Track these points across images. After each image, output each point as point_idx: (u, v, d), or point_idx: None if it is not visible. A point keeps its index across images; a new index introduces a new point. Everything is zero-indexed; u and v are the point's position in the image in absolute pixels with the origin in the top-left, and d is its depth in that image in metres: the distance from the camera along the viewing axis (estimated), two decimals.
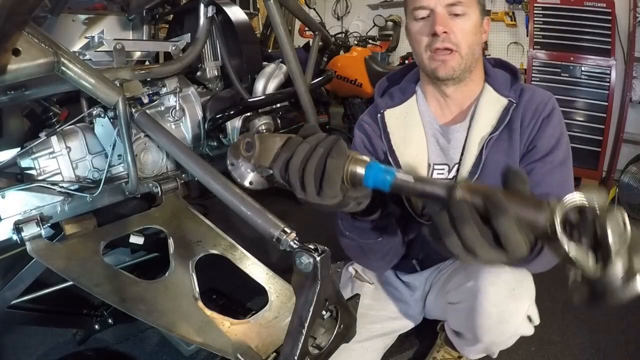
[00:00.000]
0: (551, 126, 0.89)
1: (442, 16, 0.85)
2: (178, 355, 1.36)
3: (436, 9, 0.85)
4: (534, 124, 0.89)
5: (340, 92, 2.98)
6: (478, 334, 0.91)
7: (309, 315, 0.64)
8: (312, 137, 0.58)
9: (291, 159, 0.57)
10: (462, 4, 0.85)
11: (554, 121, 0.89)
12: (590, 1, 2.59)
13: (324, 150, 0.56)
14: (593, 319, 1.56)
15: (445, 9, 0.85)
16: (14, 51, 0.82)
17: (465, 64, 0.89)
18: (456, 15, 0.86)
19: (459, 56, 0.87)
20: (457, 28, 0.86)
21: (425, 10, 0.87)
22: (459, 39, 0.86)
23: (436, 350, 1.27)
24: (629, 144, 2.74)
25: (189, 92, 1.38)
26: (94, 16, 1.33)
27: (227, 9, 1.44)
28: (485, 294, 0.87)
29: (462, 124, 0.95)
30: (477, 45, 0.90)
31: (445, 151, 0.98)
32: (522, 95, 0.92)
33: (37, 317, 1.25)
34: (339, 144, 0.57)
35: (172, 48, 1.31)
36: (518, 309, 0.87)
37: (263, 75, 1.59)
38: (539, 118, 0.89)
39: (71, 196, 1.07)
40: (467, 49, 0.87)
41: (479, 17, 0.89)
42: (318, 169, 0.56)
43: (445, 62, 0.87)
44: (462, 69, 0.89)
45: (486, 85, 0.94)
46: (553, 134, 0.88)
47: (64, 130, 1.10)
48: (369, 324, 1.10)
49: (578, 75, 2.66)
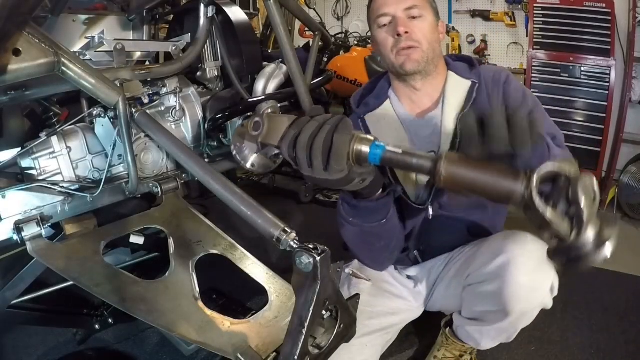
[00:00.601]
0: (512, 87, 1.02)
1: (403, 19, 0.99)
2: (178, 355, 1.36)
3: (396, 14, 1.00)
4: (497, 90, 1.02)
5: (340, 92, 2.97)
6: (509, 306, 0.96)
7: (309, 315, 0.64)
8: (320, 117, 0.62)
9: (299, 135, 0.61)
10: (417, 7, 1.00)
11: (513, 84, 1.03)
12: (590, 1, 2.59)
13: (330, 127, 0.60)
14: (593, 318, 1.56)
15: (404, 13, 0.99)
16: (14, 51, 0.82)
17: (427, 56, 1.01)
18: (414, 18, 1.00)
19: (421, 50, 1.00)
20: (417, 28, 0.99)
21: (387, 17, 1.01)
22: (419, 36, 0.99)
23: (437, 349, 1.27)
24: (628, 144, 2.74)
25: (189, 92, 1.38)
26: (94, 16, 1.33)
27: (227, 9, 1.45)
28: (516, 265, 0.93)
29: (435, 111, 1.06)
30: (436, 42, 1.04)
31: (428, 139, 1.05)
32: (480, 75, 1.05)
33: (38, 317, 1.25)
34: (345, 122, 0.61)
35: (173, 48, 1.31)
36: (547, 276, 0.95)
37: (263, 75, 1.59)
38: (499, 85, 1.02)
39: (71, 196, 1.07)
40: (427, 44, 1.00)
41: (434, 19, 1.04)
42: (326, 144, 0.60)
43: (409, 56, 1.00)
44: (426, 62, 1.01)
45: (449, 72, 1.07)
46: (516, 92, 1.01)
47: (65, 130, 1.10)
48: (366, 320, 1.11)
49: (578, 75, 2.66)
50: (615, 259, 1.90)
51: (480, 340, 1.14)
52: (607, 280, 1.83)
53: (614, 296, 1.71)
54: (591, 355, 1.38)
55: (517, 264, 0.94)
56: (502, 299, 0.97)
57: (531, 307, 0.99)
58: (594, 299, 1.69)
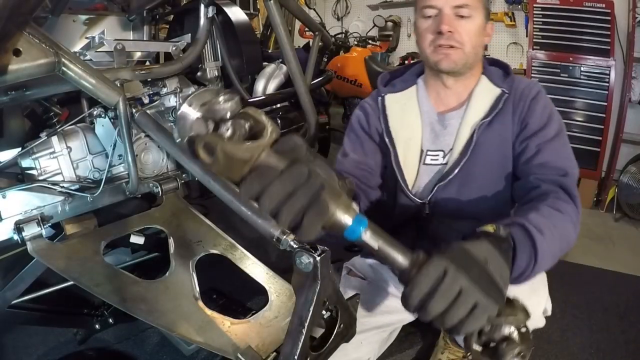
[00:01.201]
0: (539, 106, 0.95)
1: (449, 16, 0.91)
2: (178, 355, 1.36)
3: (444, 9, 0.91)
4: (523, 105, 0.95)
5: (340, 93, 2.98)
6: None
7: (309, 315, 0.64)
8: (290, 175, 0.44)
9: (262, 197, 0.45)
10: (468, 7, 0.90)
11: (541, 102, 0.96)
12: (590, 2, 2.60)
13: (301, 206, 0.45)
14: (593, 318, 1.57)
15: (452, 10, 0.91)
16: (14, 51, 0.82)
17: (466, 60, 0.94)
18: (462, 17, 0.91)
19: (462, 52, 0.93)
20: (462, 28, 0.91)
21: (433, 10, 0.93)
22: (464, 38, 0.91)
23: (440, 352, 1.27)
24: (628, 144, 2.75)
25: (189, 92, 1.38)
26: (94, 16, 1.33)
27: (228, 9, 1.45)
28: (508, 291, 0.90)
29: (458, 111, 1.01)
30: (480, 47, 0.96)
31: (441, 137, 1.01)
32: (512, 85, 0.99)
33: (38, 317, 1.25)
34: (322, 202, 0.45)
35: (173, 48, 1.31)
36: (539, 301, 0.92)
37: (263, 75, 1.59)
38: (526, 100, 0.95)
39: (72, 196, 1.07)
40: (470, 48, 0.93)
41: (483, 21, 0.95)
42: (294, 219, 0.45)
43: (447, 55, 0.93)
44: (463, 64, 0.94)
45: (482, 76, 1.01)
46: (543, 112, 0.94)
47: (65, 131, 1.10)
48: (362, 317, 1.09)
49: (577, 75, 2.66)
50: (615, 259, 1.90)
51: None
52: (607, 280, 1.83)
53: (614, 296, 1.71)
54: (591, 355, 1.39)
55: (510, 290, 0.90)
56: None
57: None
58: (593, 299, 1.69)
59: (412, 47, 4.07)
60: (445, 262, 0.49)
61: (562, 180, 0.84)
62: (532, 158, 0.90)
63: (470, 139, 0.96)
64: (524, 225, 0.68)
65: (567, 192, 0.82)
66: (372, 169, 1.02)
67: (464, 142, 0.97)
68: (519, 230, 0.68)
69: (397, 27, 3.97)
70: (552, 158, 0.88)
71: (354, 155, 1.02)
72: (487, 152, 0.95)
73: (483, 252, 0.53)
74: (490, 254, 0.54)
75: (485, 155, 0.95)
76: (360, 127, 1.06)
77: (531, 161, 0.90)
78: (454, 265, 0.49)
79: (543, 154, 0.89)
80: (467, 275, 0.49)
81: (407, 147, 1.01)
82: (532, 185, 0.86)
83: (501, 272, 0.53)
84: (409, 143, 1.01)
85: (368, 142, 1.05)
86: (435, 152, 1.01)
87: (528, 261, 0.66)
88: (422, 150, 1.02)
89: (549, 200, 0.79)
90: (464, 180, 0.97)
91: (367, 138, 1.05)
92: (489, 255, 0.53)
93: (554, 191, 0.82)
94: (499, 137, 0.95)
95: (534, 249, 0.66)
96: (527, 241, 0.67)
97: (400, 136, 1.02)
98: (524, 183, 0.89)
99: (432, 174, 1.01)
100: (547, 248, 0.68)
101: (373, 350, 1.13)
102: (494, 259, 0.53)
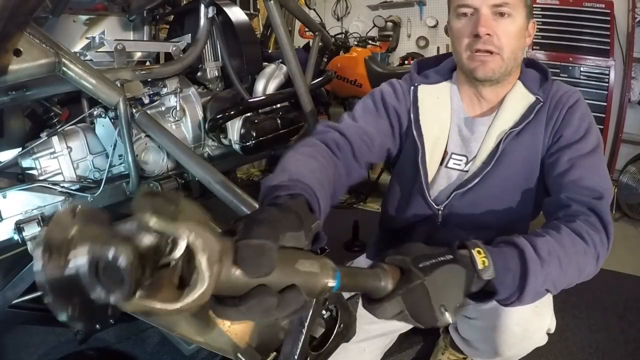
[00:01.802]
0: (576, 116, 0.86)
1: (487, 17, 0.81)
2: (178, 355, 1.36)
3: (481, 9, 0.81)
4: (558, 114, 0.87)
5: (340, 93, 2.98)
6: (499, 350, 0.91)
7: (309, 315, 0.64)
8: (286, 308, 0.40)
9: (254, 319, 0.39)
10: (508, 5, 0.81)
11: (579, 111, 0.86)
12: (589, 2, 2.60)
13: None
14: (592, 318, 1.57)
15: (491, 9, 0.81)
16: (15, 52, 0.82)
17: (505, 67, 0.85)
18: (501, 16, 0.82)
19: (500, 59, 0.84)
20: (501, 30, 0.82)
21: (469, 9, 0.83)
22: (502, 42, 0.82)
23: (441, 352, 1.26)
24: (627, 144, 2.75)
25: (189, 92, 1.38)
26: (94, 17, 1.33)
27: (228, 9, 1.45)
28: (509, 313, 0.86)
29: (488, 117, 0.93)
30: (520, 50, 0.87)
31: (467, 142, 0.95)
32: (549, 92, 0.90)
33: (39, 317, 1.25)
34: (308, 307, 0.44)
35: (173, 48, 1.31)
36: (541, 325, 0.88)
37: (263, 75, 1.59)
38: (562, 108, 0.87)
39: (72, 196, 1.08)
40: (509, 53, 0.84)
41: (524, 20, 0.85)
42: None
43: (485, 62, 0.84)
44: (502, 72, 0.86)
45: (518, 82, 0.92)
46: (580, 123, 0.85)
47: (65, 131, 1.10)
48: (367, 324, 1.08)
49: (577, 75, 2.67)
50: (615, 259, 1.90)
51: (474, 357, 1.13)
52: (606, 280, 1.84)
53: (613, 296, 1.72)
54: (590, 355, 1.39)
55: (510, 312, 0.86)
56: (493, 342, 0.91)
57: (524, 352, 0.93)
58: (593, 299, 1.69)
59: (412, 47, 4.07)
60: (401, 302, 0.53)
61: (596, 203, 0.74)
62: (564, 173, 0.81)
63: (495, 148, 0.89)
64: (523, 253, 0.62)
65: (600, 218, 0.73)
66: (374, 146, 0.92)
67: (488, 151, 0.90)
68: (514, 256, 0.62)
69: (397, 28, 3.97)
70: (587, 175, 0.79)
71: (363, 123, 0.92)
72: (512, 164, 0.88)
73: (441, 278, 0.55)
74: (445, 281, 0.55)
75: (510, 167, 0.88)
76: (381, 102, 0.96)
77: (563, 177, 0.80)
78: (405, 302, 0.53)
79: (577, 170, 0.80)
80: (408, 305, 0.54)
81: (434, 146, 0.95)
82: (562, 204, 0.77)
83: (444, 300, 0.55)
84: (436, 142, 0.95)
85: (384, 120, 0.95)
86: (459, 157, 0.95)
87: (512, 292, 0.62)
88: (446, 152, 0.96)
89: (575, 224, 0.71)
90: (484, 192, 0.90)
91: (385, 116, 0.96)
92: (444, 281, 0.55)
93: (584, 214, 0.73)
94: (527, 148, 0.88)
95: (522, 281, 0.62)
96: (517, 271, 0.62)
97: (430, 133, 0.95)
98: (554, 200, 0.80)
99: (451, 179, 0.95)
100: (541, 280, 0.64)
101: (376, 357, 1.13)
102: (447, 286, 0.56)
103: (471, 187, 0.90)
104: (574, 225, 0.71)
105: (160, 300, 0.30)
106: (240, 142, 1.43)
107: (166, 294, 0.30)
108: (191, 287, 0.31)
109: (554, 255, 0.65)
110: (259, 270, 0.37)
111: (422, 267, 0.55)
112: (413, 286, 0.53)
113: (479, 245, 0.61)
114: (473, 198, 0.91)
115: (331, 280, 0.45)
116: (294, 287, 0.40)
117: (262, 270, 0.37)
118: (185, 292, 0.31)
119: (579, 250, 0.69)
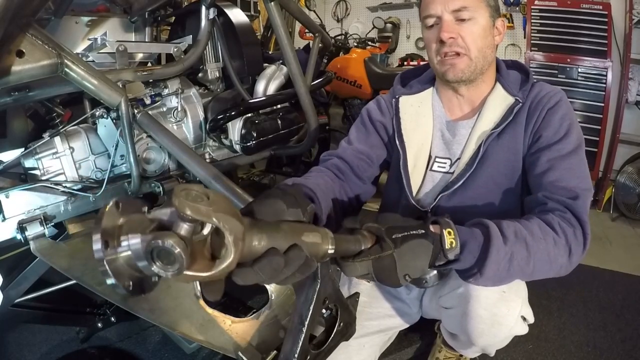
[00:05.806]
0: (557, 116, 0.87)
1: (449, 22, 0.87)
2: (180, 353, 1.37)
3: (443, 16, 0.87)
4: (538, 115, 0.89)
5: (340, 93, 2.98)
6: (472, 338, 0.92)
7: (309, 314, 0.65)
8: (292, 266, 0.48)
9: (264, 279, 0.48)
10: (467, 9, 0.86)
11: (560, 112, 0.88)
12: (587, 3, 2.62)
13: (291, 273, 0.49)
14: (589, 317, 1.58)
15: (452, 15, 0.87)
16: (18, 53, 0.83)
17: (475, 66, 0.89)
18: (463, 21, 0.87)
19: (468, 59, 0.88)
20: (465, 32, 0.87)
21: (432, 18, 0.90)
22: (468, 42, 0.87)
23: (437, 350, 1.28)
24: (624, 145, 2.77)
25: (190, 93, 1.39)
26: (96, 18, 1.34)
27: (229, 11, 1.46)
28: (476, 297, 0.87)
29: (470, 120, 0.97)
30: (489, 48, 0.91)
31: (449, 145, 0.98)
32: (530, 93, 0.92)
33: (41, 315, 1.26)
34: (312, 267, 0.51)
35: (174, 50, 1.32)
36: (510, 310, 0.87)
37: (264, 76, 1.60)
38: (543, 109, 0.89)
39: (74, 196, 1.08)
40: (476, 52, 0.88)
41: (488, 20, 0.89)
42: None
43: (454, 65, 0.89)
44: (472, 71, 0.90)
45: (497, 84, 0.96)
46: (560, 124, 0.87)
47: (67, 131, 1.11)
48: (365, 320, 1.10)
49: (575, 76, 2.68)
50: (612, 258, 1.91)
51: (463, 352, 1.15)
52: (603, 278, 1.85)
53: (611, 295, 1.73)
54: (588, 353, 1.40)
55: (478, 297, 0.87)
56: (465, 330, 0.92)
57: (497, 339, 0.92)
58: (590, 298, 1.70)
59: (411, 48, 4.09)
60: (370, 266, 0.62)
61: (572, 203, 0.77)
62: (543, 174, 0.84)
63: (477, 150, 0.92)
64: (487, 228, 0.69)
65: (575, 216, 0.76)
66: (372, 161, 1.01)
67: (471, 153, 0.93)
68: (479, 232, 0.69)
69: (396, 29, 3.98)
70: (565, 176, 0.81)
71: (357, 144, 1.02)
72: (495, 165, 0.91)
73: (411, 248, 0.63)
74: (413, 254, 0.63)
75: (493, 167, 0.91)
76: (369, 120, 1.05)
77: (542, 177, 0.83)
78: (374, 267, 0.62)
79: (555, 171, 0.83)
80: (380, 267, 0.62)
81: (419, 151, 0.99)
82: (539, 202, 0.81)
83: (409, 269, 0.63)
84: (420, 148, 0.99)
85: (374, 135, 1.04)
86: (443, 160, 0.99)
87: (473, 262, 0.68)
88: (430, 156, 1.00)
89: (548, 216, 0.75)
90: (469, 193, 0.93)
91: (374, 131, 1.04)
92: (410, 251, 0.63)
93: (559, 210, 0.77)
94: (508, 149, 0.91)
95: (484, 253, 0.67)
96: (480, 243, 0.68)
97: (412, 140, 0.99)
98: (532, 199, 0.84)
99: (436, 181, 0.99)
100: (503, 256, 0.68)
101: (374, 352, 1.14)
102: (413, 255, 0.63)
103: (456, 188, 0.93)
104: (546, 217, 0.75)
105: (198, 270, 0.39)
106: (241, 143, 1.45)
107: (201, 265, 0.39)
108: (222, 260, 0.41)
109: (520, 237, 0.70)
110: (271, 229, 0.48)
111: (394, 238, 0.62)
112: (383, 255, 0.61)
113: (450, 225, 0.67)
114: (459, 199, 0.94)
115: (330, 247, 0.55)
116: (295, 246, 0.49)
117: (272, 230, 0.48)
118: (217, 263, 0.41)
119: (549, 239, 0.72)
